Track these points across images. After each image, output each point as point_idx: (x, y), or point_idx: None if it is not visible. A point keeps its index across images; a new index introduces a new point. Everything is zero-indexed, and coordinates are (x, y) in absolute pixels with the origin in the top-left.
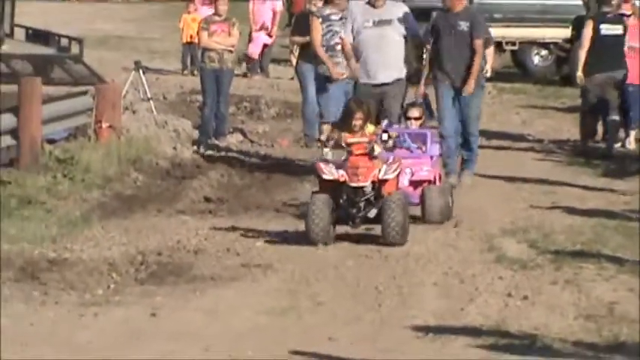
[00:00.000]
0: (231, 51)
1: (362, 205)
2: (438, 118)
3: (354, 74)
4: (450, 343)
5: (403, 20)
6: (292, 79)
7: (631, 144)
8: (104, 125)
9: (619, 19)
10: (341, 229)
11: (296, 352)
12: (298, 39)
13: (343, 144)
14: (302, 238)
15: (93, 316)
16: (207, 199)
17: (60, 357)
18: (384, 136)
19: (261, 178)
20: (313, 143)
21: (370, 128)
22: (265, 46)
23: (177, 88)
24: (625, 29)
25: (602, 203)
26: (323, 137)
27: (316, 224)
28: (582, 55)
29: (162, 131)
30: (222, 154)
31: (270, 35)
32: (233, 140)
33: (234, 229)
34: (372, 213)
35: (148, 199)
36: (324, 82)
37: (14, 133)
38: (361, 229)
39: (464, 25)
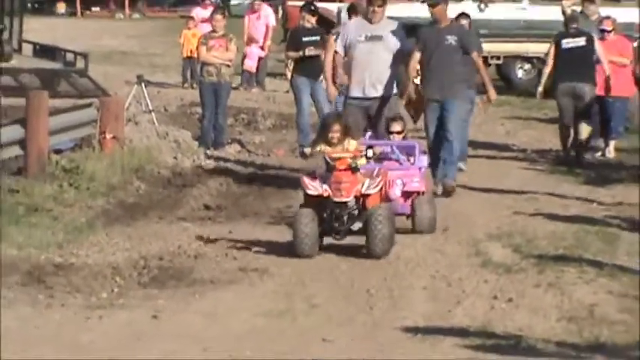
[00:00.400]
0: (228, 65)
1: (346, 219)
2: (425, 132)
3: (341, 82)
4: (438, 343)
5: (394, 37)
6: (287, 91)
7: (611, 153)
8: (108, 136)
9: (581, 32)
10: (327, 240)
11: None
12: (292, 54)
13: (327, 159)
14: None
15: (98, 318)
16: (206, 207)
17: (65, 357)
18: (369, 153)
19: (258, 186)
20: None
21: (352, 144)
22: (260, 59)
23: (177, 100)
24: (589, 41)
25: (583, 210)
26: (307, 150)
27: (302, 238)
28: (546, 71)
29: (163, 142)
30: (221, 163)
31: (262, 48)
32: (231, 150)
33: (232, 234)
34: (356, 226)
35: (150, 207)
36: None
37: (22, 143)
38: (347, 241)
39: (452, 40)
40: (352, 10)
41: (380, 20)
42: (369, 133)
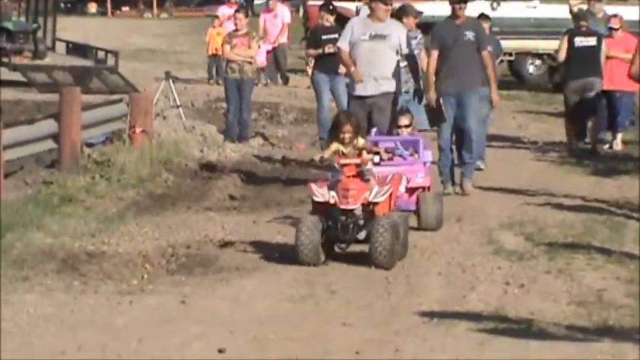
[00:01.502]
0: (250, 62)
1: (352, 227)
2: (437, 132)
3: (357, 78)
4: (453, 327)
5: (399, 39)
6: (308, 87)
7: (618, 145)
8: (137, 130)
9: (593, 32)
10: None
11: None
12: (312, 52)
13: (336, 165)
14: None
15: (128, 303)
16: (231, 197)
17: (99, 340)
18: (376, 159)
19: (280, 177)
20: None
21: (361, 142)
22: (268, 52)
23: (203, 96)
24: (599, 41)
25: (592, 200)
26: (316, 158)
27: (305, 245)
28: (561, 60)
29: (190, 135)
30: (245, 156)
31: (272, 43)
32: (255, 143)
33: (256, 224)
34: (362, 235)
35: (178, 198)
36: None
37: (56, 137)
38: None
39: (470, 35)
40: (402, 12)
41: (385, 19)
42: (374, 129)
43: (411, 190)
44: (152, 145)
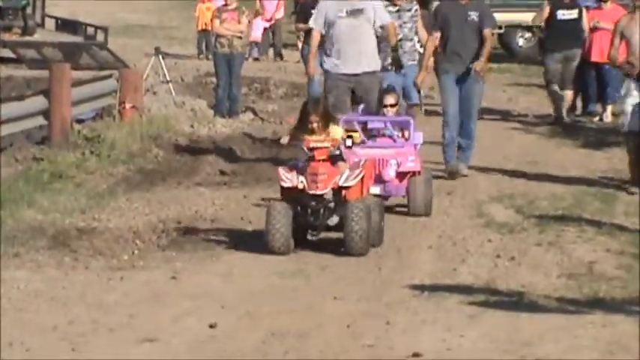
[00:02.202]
0: (240, 37)
1: (322, 212)
2: (442, 107)
3: (309, 70)
4: (444, 300)
5: (374, 12)
6: (298, 62)
7: (608, 118)
8: (127, 106)
9: (574, 4)
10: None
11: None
12: (302, 26)
13: (305, 148)
14: None
15: (119, 279)
16: (222, 172)
17: (90, 316)
18: (348, 142)
19: (271, 152)
20: None
21: (337, 131)
22: (265, 29)
23: (193, 71)
24: (580, 13)
25: (582, 172)
26: (283, 141)
27: (274, 234)
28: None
29: (180, 111)
30: (236, 131)
31: (269, 20)
32: (245, 118)
33: (246, 199)
34: (333, 221)
35: (168, 173)
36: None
37: (46, 114)
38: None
39: (474, 15)
40: None
41: None
42: (361, 107)
43: (401, 175)
44: (142, 120)
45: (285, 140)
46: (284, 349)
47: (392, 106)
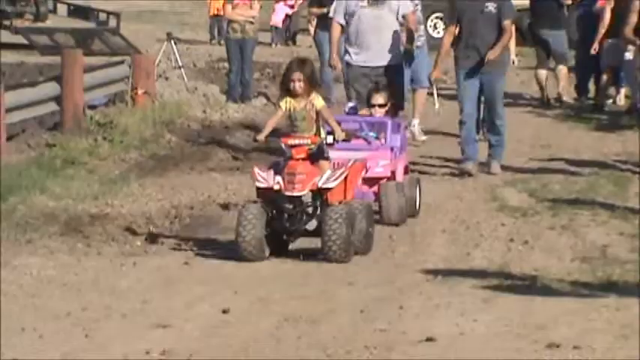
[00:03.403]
0: (252, 22)
1: (299, 216)
2: (459, 102)
3: (336, 66)
4: (457, 285)
5: (398, 2)
6: (311, 47)
7: (621, 100)
8: (140, 92)
9: None
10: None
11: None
12: (316, 11)
13: (282, 146)
14: None
15: (132, 265)
16: (234, 158)
17: (103, 302)
18: (329, 139)
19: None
20: (331, 105)
21: (319, 101)
22: (287, 15)
23: (205, 56)
24: None
25: (595, 155)
26: (259, 137)
27: (246, 239)
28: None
29: (192, 96)
30: (248, 116)
31: (292, 6)
32: (257, 103)
33: None
34: (312, 225)
35: (181, 159)
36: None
37: (58, 100)
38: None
39: (491, 7)
40: None
41: None
42: (350, 104)
43: (370, 181)
44: (154, 106)
45: (261, 137)
46: (297, 334)
47: (380, 106)
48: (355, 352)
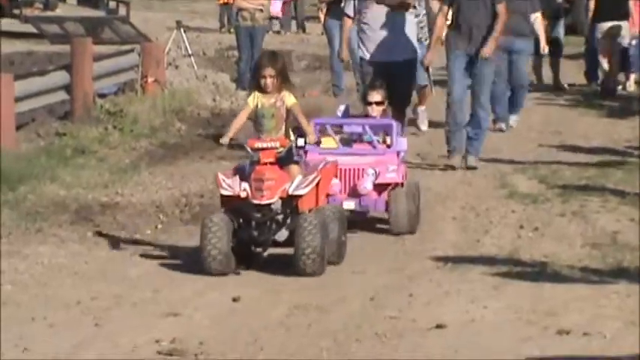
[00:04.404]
0: (261, 10)
1: (268, 226)
2: (447, 86)
3: (342, 57)
4: (467, 272)
5: None
6: (321, 34)
7: (631, 86)
8: (150, 80)
9: None
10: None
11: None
12: None
13: (249, 149)
14: None
15: (140, 255)
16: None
17: (114, 290)
18: (300, 142)
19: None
20: (341, 93)
21: (290, 99)
22: (284, 3)
23: (215, 44)
24: None
25: (605, 141)
26: (223, 141)
27: (210, 251)
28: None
29: (202, 84)
30: None
31: None
32: None
33: None
34: (282, 236)
35: (191, 147)
36: None
37: (68, 88)
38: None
39: None
40: None
41: None
42: (343, 107)
43: (380, 187)
44: (164, 94)
45: (225, 140)
46: (307, 322)
47: (378, 104)
48: (365, 340)
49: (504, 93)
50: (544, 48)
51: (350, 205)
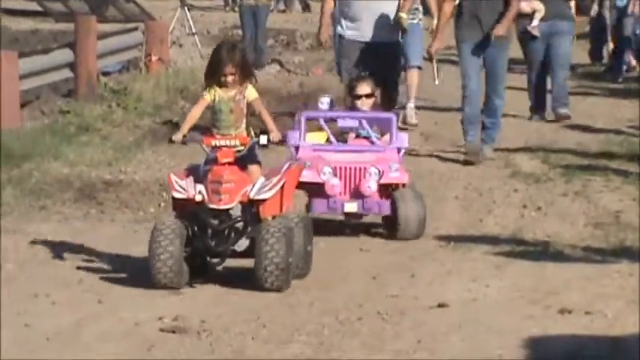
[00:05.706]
0: None
1: (227, 234)
2: (461, 78)
3: (320, 37)
4: (470, 251)
5: None
6: None
7: (636, 67)
8: (154, 58)
9: None
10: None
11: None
12: None
13: (205, 148)
14: None
15: (145, 231)
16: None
17: (116, 268)
18: (263, 139)
19: (297, 103)
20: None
21: (252, 92)
22: None
23: (219, 23)
24: None
25: (609, 121)
26: (175, 138)
27: (159, 262)
28: None
29: (206, 63)
30: (262, 82)
31: None
32: (271, 70)
33: (273, 151)
34: (242, 245)
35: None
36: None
37: (72, 66)
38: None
39: None
40: None
41: None
42: (327, 99)
43: (383, 188)
44: (168, 73)
45: (177, 138)
46: (309, 300)
47: (367, 96)
48: (367, 318)
49: (567, 78)
50: None
51: (352, 207)
